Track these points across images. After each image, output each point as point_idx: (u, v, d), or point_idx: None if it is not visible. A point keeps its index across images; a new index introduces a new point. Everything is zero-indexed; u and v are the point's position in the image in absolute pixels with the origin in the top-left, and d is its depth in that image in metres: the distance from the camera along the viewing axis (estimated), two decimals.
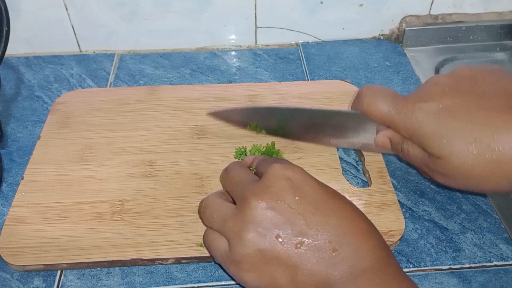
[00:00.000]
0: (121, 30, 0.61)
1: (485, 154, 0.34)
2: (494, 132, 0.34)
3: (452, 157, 0.36)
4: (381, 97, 0.40)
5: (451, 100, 0.36)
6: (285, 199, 0.32)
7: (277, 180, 0.33)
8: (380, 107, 0.40)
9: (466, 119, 0.35)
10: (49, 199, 0.42)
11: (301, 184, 0.33)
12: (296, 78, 0.58)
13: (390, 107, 0.39)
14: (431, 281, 0.38)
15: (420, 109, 0.37)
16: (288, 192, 0.32)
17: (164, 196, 0.43)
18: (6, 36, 0.42)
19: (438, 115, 0.36)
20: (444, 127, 0.36)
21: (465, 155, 0.35)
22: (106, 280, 0.38)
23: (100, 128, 0.49)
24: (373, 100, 0.40)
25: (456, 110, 0.36)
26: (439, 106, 0.36)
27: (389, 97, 0.40)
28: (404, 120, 0.38)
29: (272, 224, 0.31)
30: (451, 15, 0.63)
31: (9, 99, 0.55)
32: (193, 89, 0.54)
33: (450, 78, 0.38)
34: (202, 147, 0.47)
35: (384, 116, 0.40)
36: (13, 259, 0.38)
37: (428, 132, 0.37)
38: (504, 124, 0.34)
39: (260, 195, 0.32)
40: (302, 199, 0.32)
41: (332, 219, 0.32)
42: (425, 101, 0.37)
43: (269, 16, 0.61)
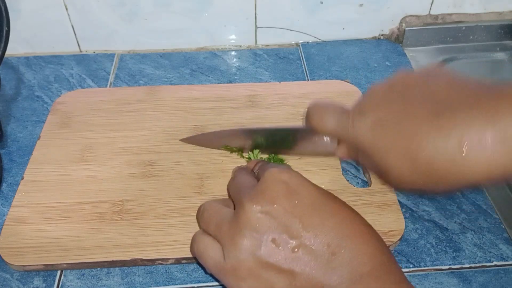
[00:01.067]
0: (121, 30, 0.61)
1: (416, 166, 0.33)
2: (418, 143, 0.33)
3: (390, 170, 0.35)
4: (326, 114, 0.40)
5: (383, 112, 0.36)
6: (281, 203, 0.32)
7: (274, 184, 0.33)
8: (326, 125, 0.40)
9: (395, 133, 0.34)
10: (49, 199, 0.42)
11: (298, 188, 0.33)
12: (296, 78, 0.58)
13: (335, 124, 0.39)
14: (431, 281, 0.38)
15: (358, 124, 0.37)
16: (285, 196, 0.32)
17: (164, 196, 0.43)
18: (6, 36, 0.42)
19: (373, 129, 0.36)
20: (379, 140, 0.35)
21: (400, 168, 0.34)
22: (106, 280, 0.38)
23: (100, 128, 0.49)
24: (319, 117, 0.40)
25: (387, 123, 0.35)
26: (373, 118, 0.36)
27: (333, 113, 0.39)
28: (347, 136, 0.38)
29: (267, 228, 0.31)
30: (451, 15, 0.63)
31: (9, 99, 0.55)
32: (193, 89, 0.54)
33: (385, 86, 0.38)
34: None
35: (331, 133, 0.40)
36: (13, 259, 0.38)
37: (367, 146, 0.36)
38: (426, 133, 0.33)
39: (256, 199, 0.32)
40: (299, 203, 0.32)
41: (331, 222, 0.31)
42: (362, 114, 0.37)
43: (269, 16, 0.61)
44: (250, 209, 0.31)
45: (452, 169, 0.32)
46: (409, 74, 0.38)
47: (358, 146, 0.38)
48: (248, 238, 0.31)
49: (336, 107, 0.40)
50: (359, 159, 0.40)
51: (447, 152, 0.32)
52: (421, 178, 0.34)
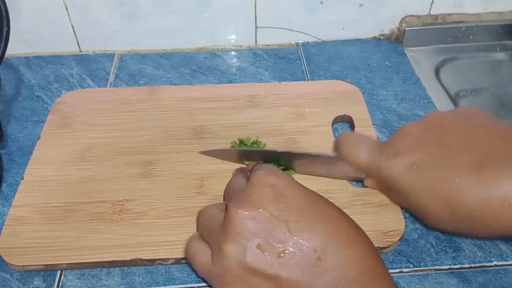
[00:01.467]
0: (121, 30, 0.61)
1: (456, 212, 0.34)
2: (459, 192, 0.33)
3: (428, 214, 0.36)
4: (357, 149, 0.40)
5: (419, 155, 0.36)
6: (267, 207, 0.31)
7: (260, 187, 0.32)
8: (357, 160, 0.40)
9: (433, 178, 0.35)
10: (49, 199, 0.42)
11: (285, 191, 0.32)
12: (296, 78, 0.58)
13: (366, 160, 0.39)
14: (431, 281, 0.38)
15: (393, 165, 0.37)
16: (271, 199, 0.31)
17: (164, 196, 0.43)
18: (6, 36, 0.42)
19: (409, 172, 0.36)
20: (416, 185, 0.36)
21: (439, 212, 0.35)
22: (106, 280, 0.38)
23: (100, 128, 0.49)
24: (349, 151, 0.40)
25: (424, 167, 0.35)
26: (409, 162, 0.36)
27: (364, 149, 0.40)
28: (380, 174, 0.38)
29: (253, 233, 0.30)
30: (451, 15, 0.63)
31: (9, 99, 0.55)
32: (193, 89, 0.54)
33: (420, 128, 0.38)
34: (202, 147, 0.47)
35: (362, 168, 0.40)
36: (13, 259, 0.38)
37: (402, 188, 0.37)
38: (467, 183, 0.33)
39: (241, 204, 0.31)
40: (286, 207, 0.31)
41: (317, 226, 0.31)
42: (396, 156, 0.37)
43: (269, 16, 0.61)
44: (235, 214, 0.31)
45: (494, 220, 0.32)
46: (444, 115, 0.38)
47: (391, 186, 0.38)
48: (233, 244, 0.30)
49: (368, 141, 0.40)
50: (390, 195, 0.41)
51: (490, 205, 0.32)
52: (462, 224, 0.34)
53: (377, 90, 0.56)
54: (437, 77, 0.60)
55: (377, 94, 0.56)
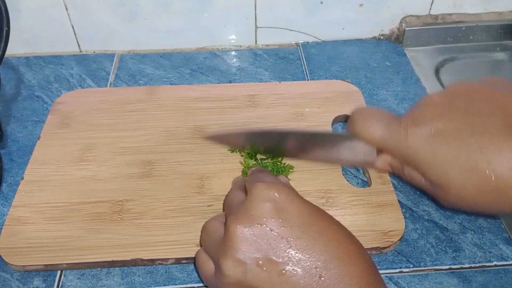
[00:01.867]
0: (121, 30, 0.61)
1: (483, 182, 0.32)
2: (489, 159, 0.32)
3: (450, 186, 0.34)
4: (373, 122, 0.38)
5: (444, 123, 0.34)
6: (267, 223, 0.30)
7: (259, 202, 0.31)
8: (372, 133, 0.38)
9: (459, 145, 0.33)
10: (49, 199, 0.42)
11: (286, 206, 0.31)
12: (296, 78, 0.58)
13: (382, 132, 0.37)
14: (431, 281, 0.38)
15: (413, 135, 0.35)
16: (271, 214, 0.30)
17: (164, 196, 0.43)
18: (6, 36, 0.42)
19: (431, 141, 0.34)
20: (439, 154, 0.34)
21: (463, 184, 0.33)
22: (106, 280, 0.38)
23: (100, 128, 0.49)
24: (365, 125, 0.38)
25: (449, 134, 0.34)
26: (432, 130, 0.34)
27: (381, 121, 0.38)
28: (398, 146, 0.36)
29: (252, 250, 0.29)
30: (451, 15, 0.63)
31: (9, 99, 0.55)
32: (193, 89, 0.54)
33: (444, 97, 0.36)
34: (202, 147, 0.47)
35: (377, 142, 0.38)
36: (13, 259, 0.38)
37: (423, 159, 0.35)
38: (498, 149, 0.31)
39: (240, 219, 0.30)
40: (286, 222, 0.30)
41: (319, 243, 0.30)
42: (418, 125, 0.35)
43: (269, 16, 0.61)
44: (234, 230, 0.30)
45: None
46: (470, 85, 0.36)
47: (409, 159, 0.36)
48: (232, 261, 0.30)
49: (384, 113, 0.39)
50: (404, 172, 0.39)
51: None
52: (487, 196, 0.33)
53: (377, 90, 0.56)
54: (437, 77, 0.60)
55: (377, 94, 0.56)
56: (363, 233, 0.40)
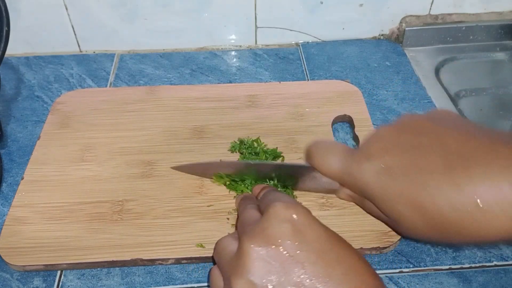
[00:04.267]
0: (121, 30, 0.61)
1: (429, 219, 0.32)
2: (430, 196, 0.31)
3: (401, 221, 0.34)
4: (329, 156, 0.38)
5: (391, 158, 0.34)
6: (283, 245, 0.29)
7: (276, 222, 0.30)
8: (329, 167, 0.38)
9: (405, 182, 0.33)
10: (49, 199, 0.42)
11: (303, 228, 0.30)
12: (296, 78, 0.58)
13: (338, 167, 0.37)
14: (431, 281, 0.38)
15: (365, 170, 0.35)
16: (288, 236, 0.29)
17: (164, 196, 0.43)
18: (6, 36, 0.42)
19: (380, 176, 0.34)
20: (388, 189, 0.34)
21: (412, 219, 0.33)
22: (106, 280, 0.38)
23: (100, 128, 0.49)
24: (321, 159, 0.39)
25: (396, 170, 0.34)
26: (381, 165, 0.34)
27: (336, 156, 0.38)
28: (353, 180, 0.36)
29: (265, 272, 0.28)
30: (451, 15, 0.63)
31: (9, 99, 0.55)
32: (193, 89, 0.54)
33: (393, 131, 0.36)
34: (202, 147, 0.47)
35: (334, 175, 0.38)
36: (13, 259, 0.38)
37: (376, 194, 0.35)
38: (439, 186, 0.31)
39: (255, 238, 0.29)
40: (303, 246, 0.29)
41: (336, 271, 0.28)
42: (368, 160, 0.35)
43: (269, 16, 0.61)
44: (248, 250, 0.29)
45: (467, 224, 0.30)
46: (416, 119, 0.36)
47: (364, 193, 0.36)
48: (243, 281, 0.28)
49: (340, 147, 0.39)
50: (364, 206, 0.39)
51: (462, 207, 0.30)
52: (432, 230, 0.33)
53: (377, 90, 0.56)
54: (437, 77, 0.60)
55: (377, 94, 0.56)
56: (363, 233, 0.40)
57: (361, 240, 0.39)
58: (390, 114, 0.53)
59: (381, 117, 0.53)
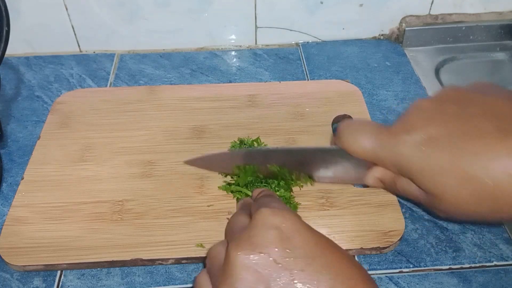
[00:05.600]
0: (121, 30, 0.61)
1: (480, 190, 0.30)
2: (485, 164, 0.30)
3: (445, 195, 0.32)
4: (361, 134, 0.36)
5: (436, 128, 0.33)
6: (270, 252, 0.28)
7: (263, 229, 0.29)
8: (362, 145, 0.36)
9: (453, 151, 0.31)
10: (49, 199, 0.42)
11: (291, 234, 0.29)
12: (296, 78, 0.58)
13: (372, 143, 0.35)
14: (431, 281, 0.38)
15: (405, 142, 0.33)
16: (275, 243, 0.28)
17: (164, 196, 0.43)
18: (6, 36, 0.42)
19: (424, 148, 0.32)
20: (432, 161, 0.32)
21: (458, 192, 0.31)
22: (106, 280, 0.38)
23: (100, 128, 0.49)
24: (353, 138, 0.37)
25: (442, 140, 0.32)
26: (424, 136, 0.33)
27: (370, 132, 0.36)
28: (390, 156, 0.34)
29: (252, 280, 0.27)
30: (451, 15, 0.63)
31: (9, 99, 0.55)
32: (193, 89, 0.54)
33: (434, 102, 0.35)
34: (202, 147, 0.47)
35: (368, 154, 0.36)
36: (13, 259, 0.38)
37: (416, 167, 0.33)
38: (494, 154, 0.30)
39: (241, 246, 0.28)
40: (291, 253, 0.28)
41: (325, 277, 0.27)
42: (408, 132, 0.34)
43: (269, 16, 0.61)
44: (234, 258, 0.28)
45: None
46: (460, 89, 0.35)
47: (402, 168, 0.34)
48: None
49: (372, 124, 0.37)
50: (397, 186, 0.37)
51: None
52: (485, 204, 0.31)
53: (377, 90, 0.56)
54: (437, 77, 0.60)
55: (377, 94, 0.56)
56: (363, 233, 0.40)
57: (361, 240, 0.39)
58: (390, 114, 0.53)
59: (381, 117, 0.53)
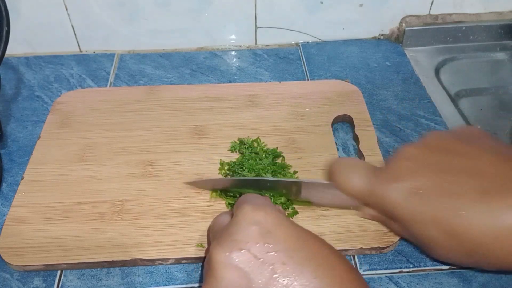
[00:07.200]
0: (121, 30, 0.61)
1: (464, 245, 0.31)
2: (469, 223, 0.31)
3: (433, 245, 0.33)
4: (352, 175, 0.37)
5: (421, 180, 0.33)
6: (251, 248, 0.28)
7: (244, 225, 0.29)
8: (352, 187, 0.37)
9: (437, 205, 0.32)
10: (49, 199, 0.42)
11: (273, 229, 0.29)
12: (296, 78, 0.58)
13: (362, 187, 0.36)
14: (431, 281, 0.38)
15: (393, 191, 0.34)
16: (256, 239, 0.28)
17: (164, 196, 0.43)
18: (6, 36, 0.42)
19: (410, 198, 0.33)
20: (419, 213, 0.33)
21: (446, 243, 0.32)
22: (106, 280, 0.38)
23: (100, 128, 0.49)
24: (344, 178, 0.37)
25: (427, 193, 0.33)
26: (410, 187, 0.33)
27: (360, 175, 0.37)
28: (380, 201, 0.35)
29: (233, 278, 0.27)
30: (451, 15, 0.63)
31: (9, 99, 0.55)
32: (193, 89, 0.54)
33: (420, 150, 0.35)
34: (202, 147, 0.47)
35: (358, 196, 0.37)
36: (13, 259, 0.38)
37: (404, 217, 0.34)
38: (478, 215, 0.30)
39: (221, 244, 0.29)
40: (272, 247, 0.28)
41: (307, 269, 0.28)
42: (396, 181, 0.34)
43: (269, 16, 0.61)
44: (214, 256, 0.28)
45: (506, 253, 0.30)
46: (446, 138, 0.36)
47: (391, 215, 0.35)
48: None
49: (363, 165, 0.38)
50: (390, 226, 0.38)
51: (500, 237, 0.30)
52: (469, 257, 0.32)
53: (377, 90, 0.56)
54: (437, 77, 0.60)
55: (377, 94, 0.56)
56: (363, 233, 0.40)
57: (361, 240, 0.39)
58: (390, 114, 0.53)
59: (381, 117, 0.53)
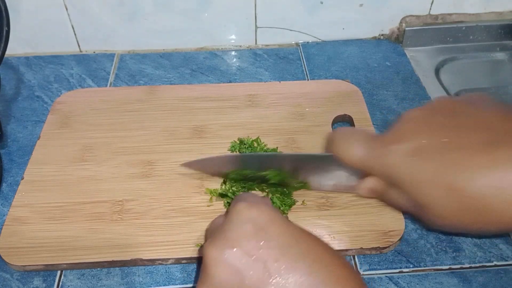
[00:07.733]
0: (121, 30, 0.61)
1: (465, 201, 0.30)
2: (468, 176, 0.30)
3: (433, 205, 0.32)
4: (352, 142, 0.36)
5: (424, 139, 0.33)
6: (244, 246, 0.28)
7: (238, 223, 0.29)
8: (353, 153, 0.36)
9: (439, 162, 0.31)
10: (49, 199, 0.42)
11: (266, 226, 0.29)
12: (296, 78, 0.58)
13: (363, 152, 0.35)
14: (431, 281, 0.38)
15: (394, 152, 0.33)
16: (249, 236, 0.28)
17: (164, 196, 0.43)
18: (6, 36, 0.42)
19: (413, 158, 0.32)
20: (420, 172, 0.32)
21: (444, 203, 0.31)
22: (106, 280, 0.38)
23: (100, 128, 0.49)
24: (344, 146, 0.37)
25: (429, 151, 0.32)
26: (414, 146, 0.32)
27: (361, 141, 0.36)
28: (380, 165, 0.34)
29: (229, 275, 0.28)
30: (451, 15, 0.63)
31: (9, 99, 0.55)
32: (193, 89, 0.54)
33: (425, 112, 0.35)
34: (202, 147, 0.47)
35: (359, 162, 0.36)
36: (13, 259, 0.38)
37: (405, 177, 0.33)
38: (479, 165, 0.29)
39: (214, 243, 0.29)
40: (265, 244, 0.28)
41: (301, 265, 0.28)
42: (399, 142, 0.33)
43: (269, 16, 0.61)
44: (209, 255, 0.28)
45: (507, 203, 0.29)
46: (451, 101, 0.35)
47: (391, 178, 0.34)
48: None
49: (364, 133, 0.37)
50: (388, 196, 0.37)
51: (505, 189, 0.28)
52: (469, 216, 0.31)
53: (377, 90, 0.56)
54: (437, 77, 0.60)
55: (377, 94, 0.56)
56: (363, 233, 0.40)
57: (361, 240, 0.39)
58: (390, 114, 0.53)
59: (381, 117, 0.53)
